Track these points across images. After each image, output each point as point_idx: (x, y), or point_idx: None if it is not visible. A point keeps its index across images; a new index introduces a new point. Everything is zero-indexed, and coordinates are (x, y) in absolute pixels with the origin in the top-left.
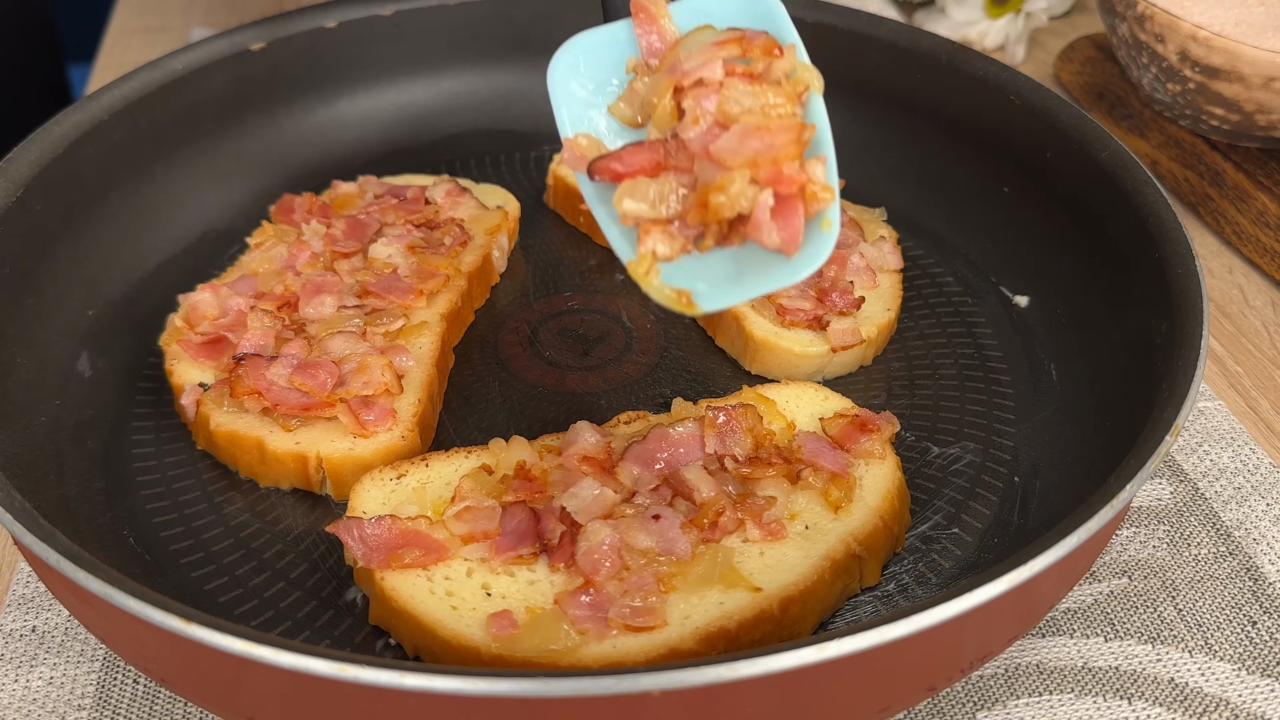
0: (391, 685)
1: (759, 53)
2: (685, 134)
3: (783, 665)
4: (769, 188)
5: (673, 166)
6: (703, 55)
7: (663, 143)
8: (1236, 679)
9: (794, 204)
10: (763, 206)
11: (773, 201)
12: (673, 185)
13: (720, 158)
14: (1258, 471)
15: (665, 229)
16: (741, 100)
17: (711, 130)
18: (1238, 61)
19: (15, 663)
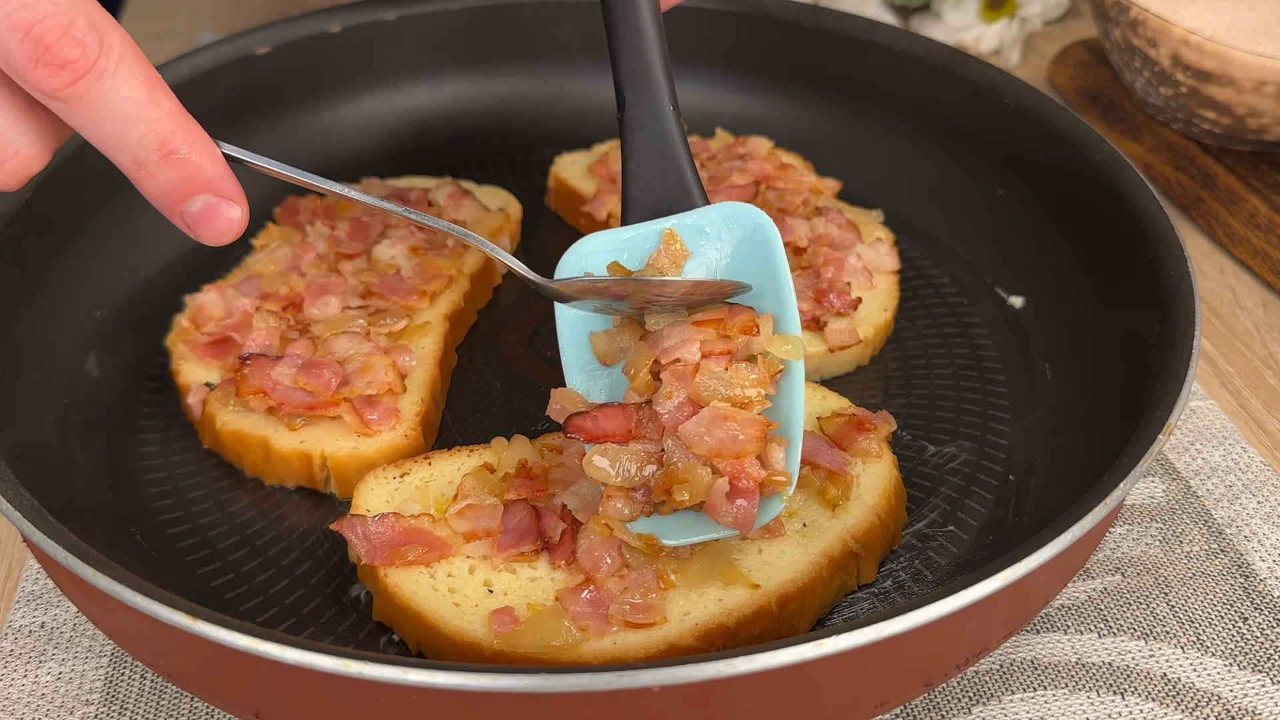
0: (395, 681)
1: (737, 331)
2: (658, 407)
3: (781, 661)
4: (726, 477)
5: (642, 435)
6: (682, 334)
7: (637, 408)
8: (1228, 674)
9: (749, 493)
10: (717, 493)
11: (728, 489)
12: (639, 456)
13: (687, 441)
14: (1249, 470)
15: (628, 494)
16: (713, 386)
17: (682, 407)
18: (1229, 66)
19: (25, 658)
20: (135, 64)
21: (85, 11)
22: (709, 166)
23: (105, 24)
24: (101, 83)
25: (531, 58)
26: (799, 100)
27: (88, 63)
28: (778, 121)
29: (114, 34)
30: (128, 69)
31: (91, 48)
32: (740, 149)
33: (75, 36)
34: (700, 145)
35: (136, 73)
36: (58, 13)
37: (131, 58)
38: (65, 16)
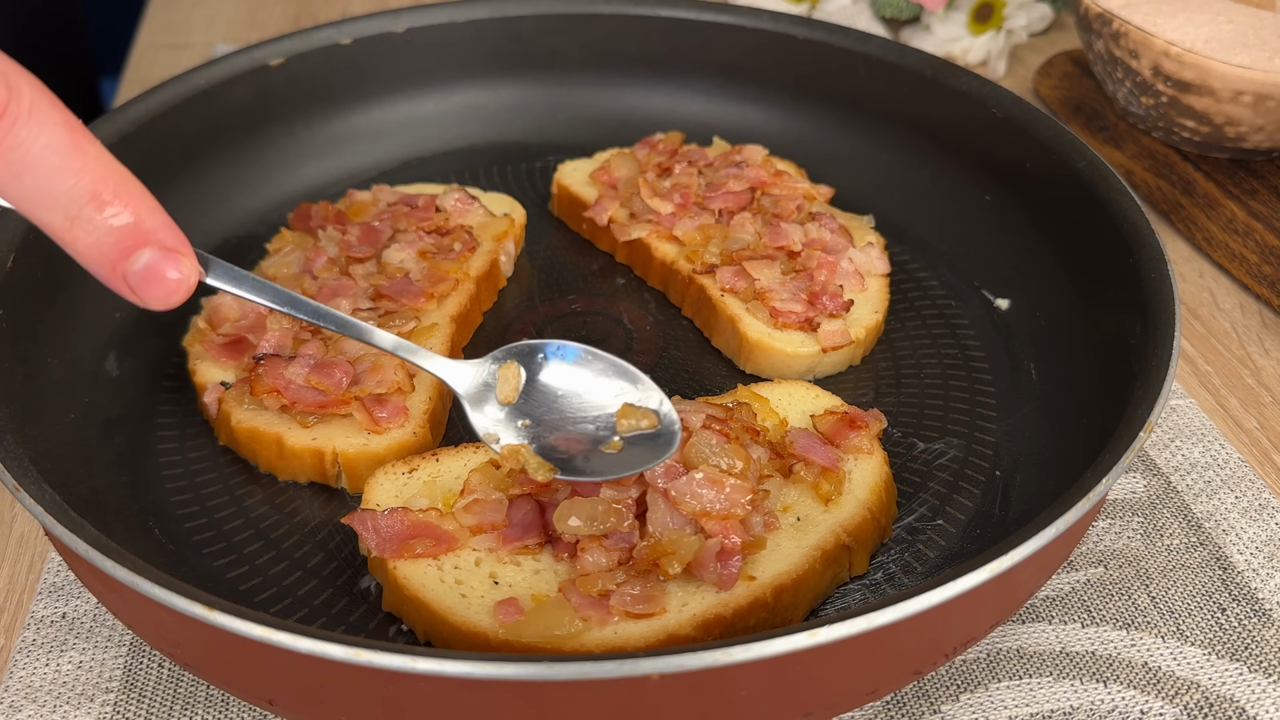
0: (404, 669)
1: (739, 427)
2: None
3: (776, 650)
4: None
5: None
6: (692, 407)
7: None
8: (1207, 663)
9: (733, 554)
10: (708, 552)
11: (718, 548)
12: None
13: (676, 497)
14: (1227, 466)
15: (601, 543)
16: (708, 451)
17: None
18: (1208, 76)
19: (46, 647)
20: (51, 109)
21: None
22: (706, 174)
23: (10, 70)
24: (15, 130)
25: (535, 69)
26: (793, 109)
27: (12, 105)
28: (772, 130)
29: (21, 79)
30: (42, 114)
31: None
32: (736, 156)
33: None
34: (698, 153)
35: (54, 117)
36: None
37: (46, 102)
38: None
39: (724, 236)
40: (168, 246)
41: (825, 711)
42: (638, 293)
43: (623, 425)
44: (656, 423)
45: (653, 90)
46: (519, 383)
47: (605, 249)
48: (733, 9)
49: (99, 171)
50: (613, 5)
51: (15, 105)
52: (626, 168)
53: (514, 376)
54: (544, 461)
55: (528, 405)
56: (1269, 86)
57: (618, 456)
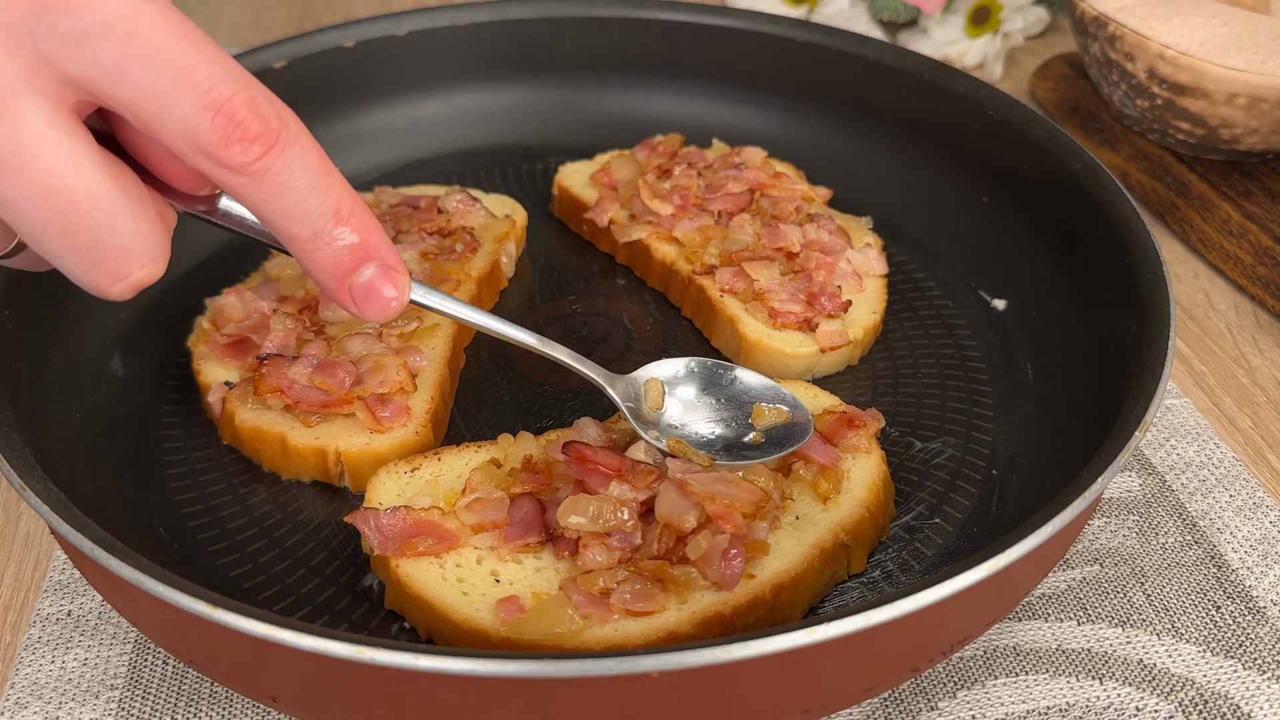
0: (406, 666)
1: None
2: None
3: (775, 648)
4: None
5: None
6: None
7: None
8: (1202, 660)
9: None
10: (715, 548)
11: (725, 545)
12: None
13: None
14: (1221, 465)
15: (604, 541)
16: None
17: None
18: (1203, 79)
19: (52, 645)
20: (308, 137)
21: (262, 89)
22: (706, 175)
23: (278, 102)
24: (287, 153)
25: (536, 71)
26: (792, 111)
27: (274, 135)
28: (771, 132)
29: (286, 110)
30: (304, 140)
31: (273, 121)
32: (736, 158)
33: (260, 112)
34: (697, 155)
35: (310, 145)
36: (242, 90)
37: (305, 131)
38: (248, 93)
39: (723, 238)
40: (388, 264)
41: (824, 708)
42: (638, 293)
43: (759, 423)
44: (789, 416)
45: (652, 93)
46: (662, 394)
47: (605, 250)
48: (731, 12)
49: (341, 193)
50: (613, 8)
51: (286, 131)
52: (627, 170)
53: (657, 390)
54: (700, 452)
55: (671, 415)
56: (1263, 89)
57: (762, 447)
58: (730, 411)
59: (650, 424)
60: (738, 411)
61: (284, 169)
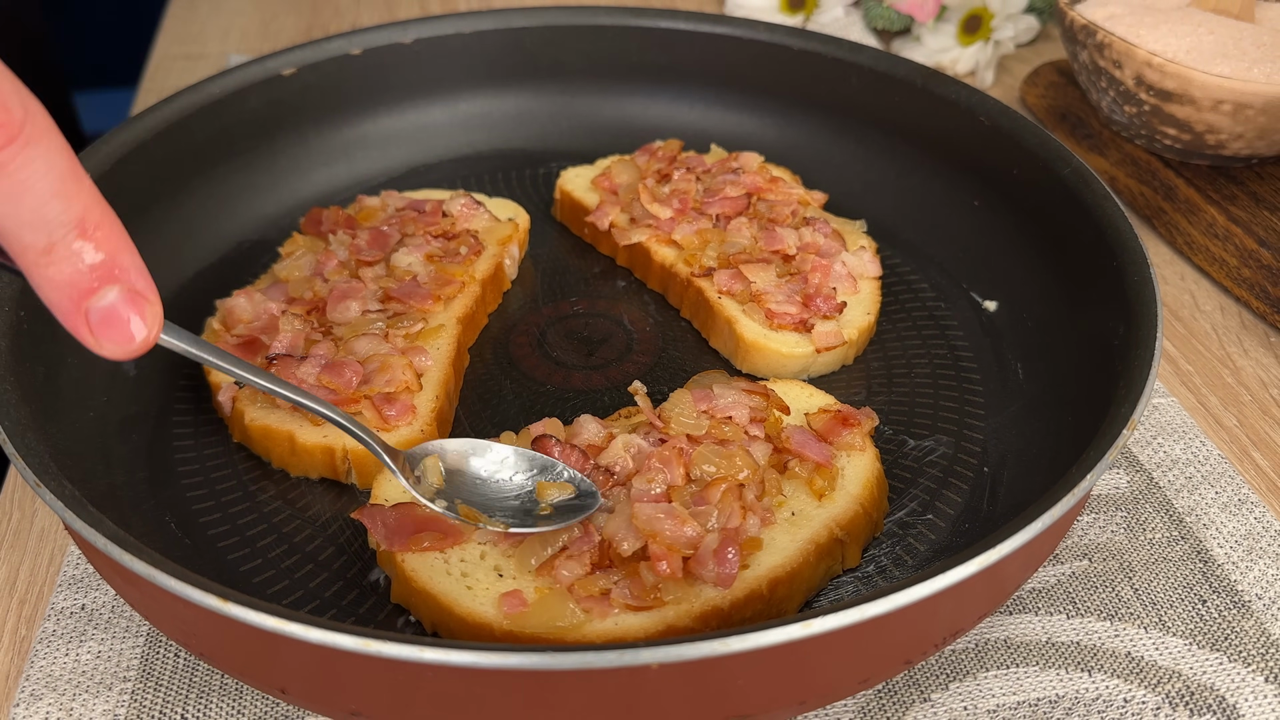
0: (412, 659)
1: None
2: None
3: (771, 641)
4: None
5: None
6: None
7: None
8: (1188, 653)
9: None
10: (706, 548)
11: (716, 545)
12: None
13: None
14: (1207, 462)
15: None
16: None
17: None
18: (1189, 86)
19: (66, 638)
20: (57, 137)
21: (9, 78)
22: (704, 180)
23: (26, 94)
24: (29, 150)
25: (538, 78)
26: (788, 118)
27: (16, 127)
28: (768, 137)
29: (35, 103)
30: (52, 138)
31: (17, 112)
32: (733, 163)
33: (2, 101)
34: (696, 160)
35: (59, 144)
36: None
37: (54, 130)
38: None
39: (721, 241)
40: (136, 290)
41: (819, 700)
42: (638, 295)
43: (546, 497)
44: (573, 489)
45: (652, 99)
46: (441, 471)
47: (606, 253)
48: (730, 21)
49: (89, 202)
50: (614, 17)
51: (31, 126)
52: (627, 174)
53: (435, 466)
54: (494, 519)
55: (455, 490)
56: (1248, 95)
57: (553, 517)
58: (517, 490)
59: (439, 496)
60: (524, 490)
61: (24, 166)
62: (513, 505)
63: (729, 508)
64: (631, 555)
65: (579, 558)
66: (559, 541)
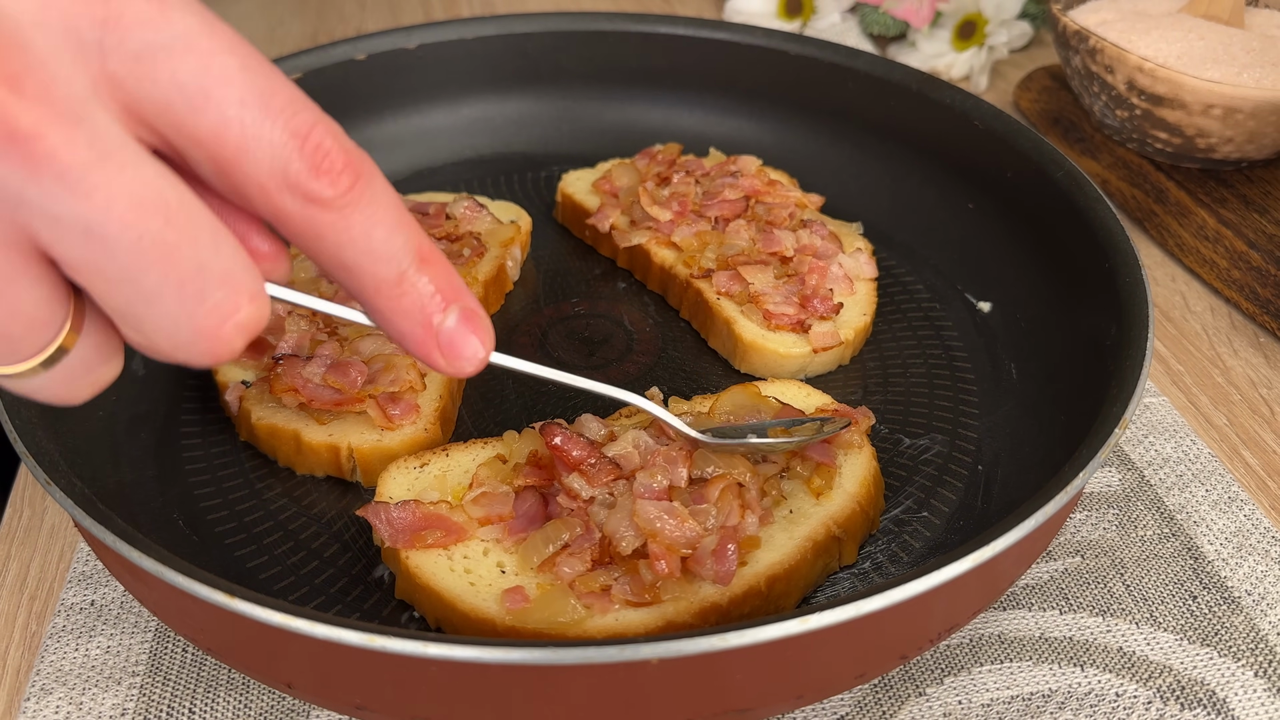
0: (416, 654)
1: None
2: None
3: (769, 636)
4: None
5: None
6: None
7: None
8: (1179, 648)
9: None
10: (705, 546)
11: (715, 544)
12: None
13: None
14: (1198, 461)
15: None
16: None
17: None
18: (1180, 90)
19: (76, 633)
20: (382, 177)
21: (324, 119)
22: (703, 183)
23: (349, 142)
24: (372, 187)
25: (540, 83)
26: (786, 122)
27: (360, 165)
28: (766, 141)
29: (349, 140)
30: (380, 175)
31: (354, 151)
32: (732, 166)
33: (343, 142)
34: (695, 163)
35: (384, 179)
36: (321, 118)
37: (378, 171)
38: (327, 121)
39: (720, 243)
40: (470, 309)
41: (816, 694)
42: (638, 296)
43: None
44: (814, 429)
45: (652, 103)
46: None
47: (607, 254)
48: (728, 26)
49: (420, 231)
50: (615, 23)
51: (362, 164)
52: (627, 177)
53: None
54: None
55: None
56: (1238, 100)
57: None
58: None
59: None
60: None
61: (372, 201)
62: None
63: (728, 506)
64: (631, 553)
65: (580, 554)
66: (560, 539)
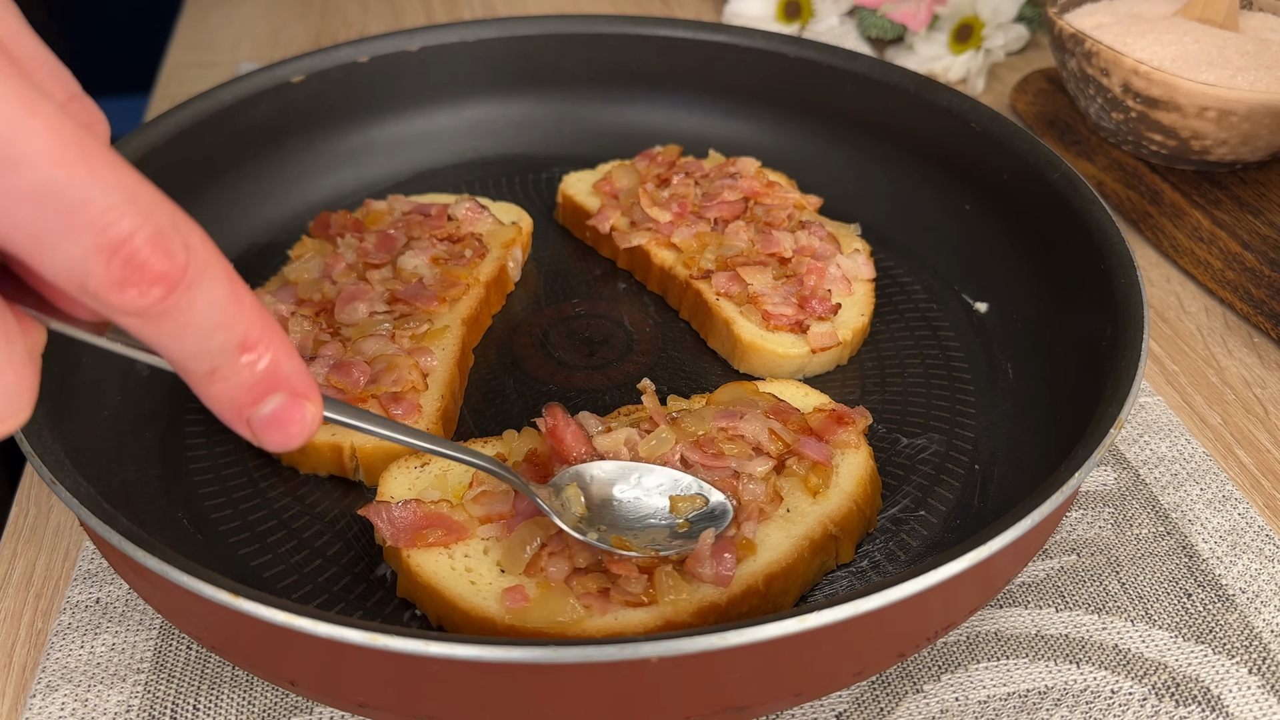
0: (417, 653)
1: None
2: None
3: (768, 635)
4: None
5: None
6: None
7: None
8: (1174, 645)
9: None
10: (703, 543)
11: (713, 541)
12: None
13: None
14: (1192, 460)
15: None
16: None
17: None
18: (1175, 93)
19: (81, 631)
20: (218, 263)
21: (168, 215)
22: (702, 184)
23: (186, 225)
24: (191, 293)
25: (541, 85)
26: (784, 124)
27: (180, 273)
28: (765, 143)
29: (194, 234)
30: (214, 269)
31: (179, 256)
32: (731, 168)
33: (165, 247)
34: (695, 165)
35: (220, 272)
36: (146, 224)
37: (215, 257)
38: (152, 227)
39: (719, 244)
40: (297, 393)
41: (814, 691)
42: (638, 297)
43: (680, 510)
44: (706, 501)
45: (652, 105)
46: (583, 500)
47: (607, 255)
48: (727, 29)
49: (250, 321)
50: (615, 25)
51: (193, 265)
52: (627, 179)
53: (577, 497)
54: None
55: (599, 517)
56: (1232, 103)
57: (690, 532)
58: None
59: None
60: (656, 504)
61: (187, 308)
62: (652, 524)
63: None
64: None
65: (561, 554)
66: (536, 539)
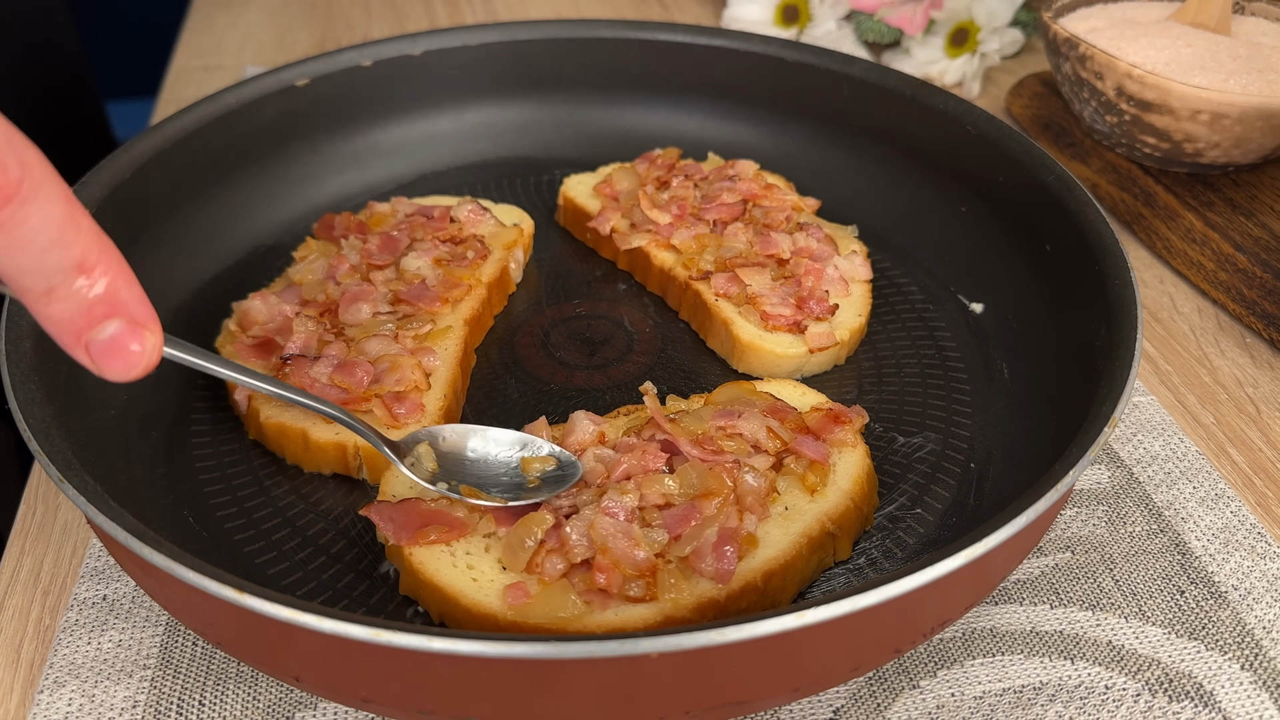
0: (420, 648)
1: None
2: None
3: (766, 631)
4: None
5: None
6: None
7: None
8: (1167, 641)
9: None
10: (705, 545)
11: (715, 539)
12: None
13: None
14: (1185, 458)
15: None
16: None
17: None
18: (1168, 96)
19: (89, 627)
20: (55, 183)
21: (3, 132)
22: (702, 187)
23: (22, 144)
24: (26, 207)
25: (542, 89)
26: (782, 127)
27: (12, 187)
28: (763, 146)
29: (31, 153)
30: (48, 190)
31: (14, 171)
32: (730, 171)
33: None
34: (694, 167)
35: (56, 191)
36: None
37: (51, 178)
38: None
39: (718, 245)
40: (136, 320)
41: (812, 686)
42: (638, 297)
43: (531, 471)
44: (555, 461)
45: (652, 109)
46: (433, 455)
47: (607, 257)
48: (726, 33)
49: (88, 243)
50: (615, 30)
51: (28, 181)
52: (627, 181)
53: (428, 451)
54: (494, 495)
55: (449, 473)
56: (1224, 106)
57: (540, 489)
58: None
59: (438, 479)
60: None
61: (21, 223)
62: (504, 481)
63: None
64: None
65: (558, 552)
66: (535, 535)
